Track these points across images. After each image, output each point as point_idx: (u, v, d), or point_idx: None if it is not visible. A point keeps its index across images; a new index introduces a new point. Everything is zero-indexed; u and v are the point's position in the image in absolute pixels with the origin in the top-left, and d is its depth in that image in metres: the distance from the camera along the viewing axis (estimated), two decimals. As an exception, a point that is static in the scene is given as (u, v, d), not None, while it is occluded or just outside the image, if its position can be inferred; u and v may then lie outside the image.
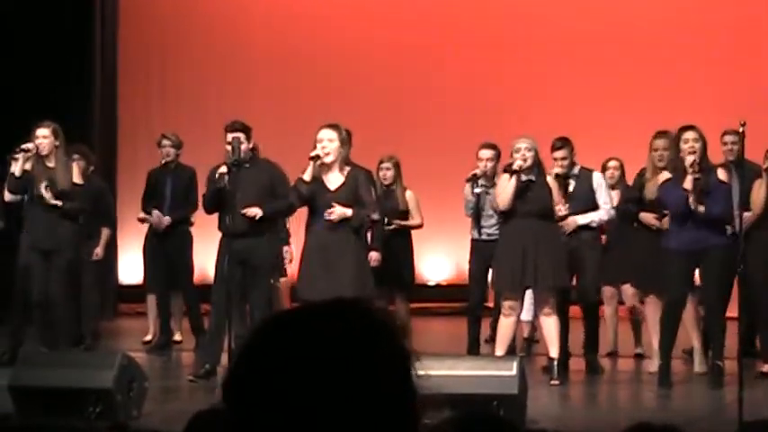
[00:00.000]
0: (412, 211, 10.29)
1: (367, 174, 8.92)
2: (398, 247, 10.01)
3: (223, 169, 8.82)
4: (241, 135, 8.79)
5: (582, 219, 9.22)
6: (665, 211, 8.96)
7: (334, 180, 8.27)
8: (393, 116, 13.72)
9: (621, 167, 10.25)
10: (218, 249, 8.98)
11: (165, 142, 10.76)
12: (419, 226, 10.35)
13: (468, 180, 9.59)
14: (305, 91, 14.02)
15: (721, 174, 8.64)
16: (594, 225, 9.31)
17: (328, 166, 8.25)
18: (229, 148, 8.73)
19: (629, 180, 10.06)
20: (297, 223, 10.12)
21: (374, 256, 9.05)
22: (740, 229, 8.16)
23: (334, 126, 8.30)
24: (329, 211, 8.13)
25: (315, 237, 8.30)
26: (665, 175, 8.69)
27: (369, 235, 9.10)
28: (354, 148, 9.22)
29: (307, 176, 8.23)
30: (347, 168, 8.33)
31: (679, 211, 8.52)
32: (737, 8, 13.68)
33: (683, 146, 8.46)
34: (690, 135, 8.48)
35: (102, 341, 10.96)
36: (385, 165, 10.18)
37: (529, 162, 8.76)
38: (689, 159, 8.37)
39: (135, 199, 11.39)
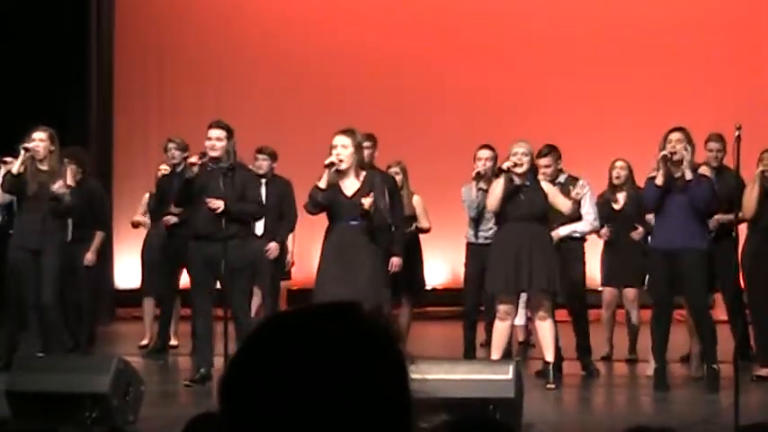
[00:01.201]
0: (419, 216, 10.27)
1: (384, 176, 8.92)
2: (408, 252, 9.99)
3: (193, 159, 8.85)
4: (220, 134, 8.80)
5: (563, 230, 9.23)
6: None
7: (350, 186, 8.28)
8: (389, 120, 13.70)
9: (629, 168, 10.23)
10: (189, 253, 8.99)
11: (171, 145, 10.69)
12: (427, 230, 10.36)
13: (474, 178, 9.57)
14: (302, 92, 14.04)
15: (706, 170, 8.70)
16: (576, 236, 9.33)
17: (344, 172, 8.26)
18: (219, 145, 8.76)
19: (638, 181, 10.06)
20: (308, 228, 10.13)
21: (395, 261, 8.97)
22: (736, 231, 8.20)
23: (348, 132, 8.30)
24: (364, 201, 8.18)
25: (333, 242, 8.32)
26: (653, 173, 8.70)
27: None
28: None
29: (322, 184, 8.23)
30: (363, 173, 8.34)
31: (650, 204, 8.56)
32: (737, 8, 13.71)
33: (666, 146, 8.48)
34: (674, 136, 8.48)
35: (98, 345, 10.95)
36: (393, 170, 10.16)
37: (525, 167, 8.75)
38: (660, 154, 8.39)
39: (131, 203, 11.38)
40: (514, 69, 13.98)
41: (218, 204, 8.69)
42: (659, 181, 8.41)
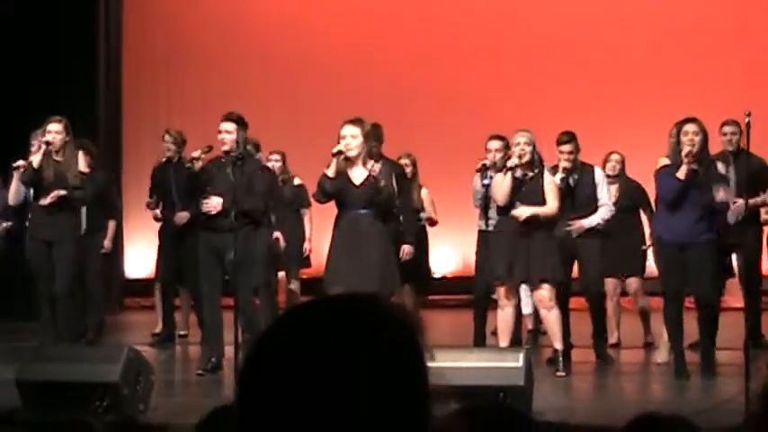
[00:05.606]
0: (427, 209, 10.35)
1: (393, 164, 8.93)
2: (416, 242, 10.01)
3: (196, 153, 8.92)
4: (230, 127, 8.77)
5: (588, 222, 9.17)
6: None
7: (358, 175, 8.28)
8: (400, 110, 13.71)
9: (623, 161, 10.23)
10: (199, 244, 9.02)
11: (167, 138, 10.83)
12: (435, 222, 10.44)
13: (477, 170, 9.57)
14: (311, 87, 14.03)
15: (721, 167, 8.63)
16: (600, 227, 9.25)
17: (352, 161, 8.25)
18: (228, 138, 8.79)
19: (629, 173, 10.10)
20: (326, 215, 10.16)
21: (407, 249, 9.05)
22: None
23: (356, 121, 8.30)
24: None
25: (343, 230, 8.31)
26: (664, 160, 8.66)
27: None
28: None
29: (330, 172, 8.22)
30: (371, 162, 8.35)
31: (670, 198, 8.51)
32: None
33: (683, 138, 8.43)
34: (690, 128, 8.45)
35: (106, 334, 10.97)
36: (403, 161, 10.18)
37: (527, 157, 8.70)
38: (685, 150, 8.36)
39: (140, 194, 11.39)
40: (518, 61, 13.96)
41: (215, 205, 8.73)
42: (682, 175, 8.36)
